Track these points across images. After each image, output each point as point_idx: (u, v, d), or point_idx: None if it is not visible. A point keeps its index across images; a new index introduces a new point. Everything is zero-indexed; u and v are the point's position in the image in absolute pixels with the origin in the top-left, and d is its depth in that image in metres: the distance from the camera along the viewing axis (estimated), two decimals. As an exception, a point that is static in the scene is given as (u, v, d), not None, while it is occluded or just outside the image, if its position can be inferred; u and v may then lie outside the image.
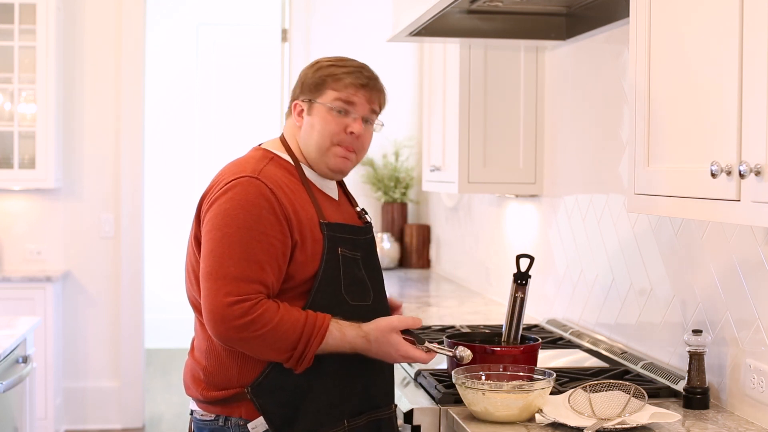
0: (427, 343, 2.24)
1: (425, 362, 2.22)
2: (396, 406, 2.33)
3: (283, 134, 2.35)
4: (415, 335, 2.25)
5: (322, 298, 2.17)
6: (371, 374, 2.24)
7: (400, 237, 5.78)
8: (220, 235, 2.11)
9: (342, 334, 2.13)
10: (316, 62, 2.31)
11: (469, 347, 2.45)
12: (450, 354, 2.30)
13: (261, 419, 2.16)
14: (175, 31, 8.38)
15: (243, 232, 2.10)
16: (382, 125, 2.33)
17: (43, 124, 5.51)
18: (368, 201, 5.86)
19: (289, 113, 2.34)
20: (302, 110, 2.29)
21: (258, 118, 8.22)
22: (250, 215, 2.11)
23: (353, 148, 2.26)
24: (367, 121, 2.28)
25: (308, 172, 2.29)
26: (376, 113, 2.30)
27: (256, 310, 2.06)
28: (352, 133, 2.24)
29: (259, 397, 2.15)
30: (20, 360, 3.54)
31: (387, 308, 2.35)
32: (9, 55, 5.55)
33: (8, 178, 5.57)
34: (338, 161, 2.26)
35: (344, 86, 2.24)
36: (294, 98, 2.32)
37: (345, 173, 2.31)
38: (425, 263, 5.65)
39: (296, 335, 2.08)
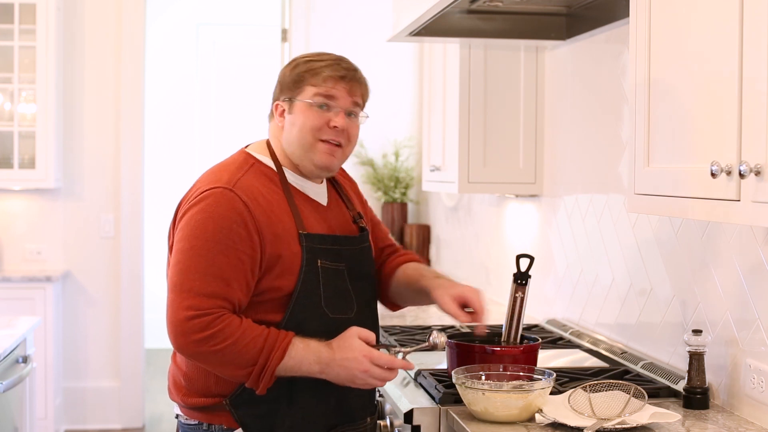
0: (398, 348, 2.21)
1: (393, 367, 2.12)
2: (375, 418, 2.31)
3: (268, 138, 2.30)
4: (385, 346, 2.21)
5: (300, 311, 2.14)
6: (347, 387, 2.17)
7: (400, 237, 5.78)
8: (188, 246, 2.08)
9: (306, 344, 2.08)
10: (294, 60, 2.25)
11: (468, 347, 2.45)
12: (425, 345, 2.25)
13: (240, 431, 2.15)
14: (175, 31, 8.38)
15: (210, 245, 2.06)
16: (367, 117, 2.27)
17: (43, 124, 5.51)
18: (368, 201, 5.84)
19: (271, 116, 2.28)
20: (283, 110, 2.23)
21: (258, 118, 8.19)
22: (220, 228, 2.07)
23: (338, 141, 2.20)
24: (351, 114, 2.22)
25: (292, 177, 2.23)
26: (359, 105, 2.24)
27: (216, 325, 2.02)
28: (335, 127, 2.18)
29: (238, 409, 2.14)
30: (20, 360, 3.54)
31: (371, 321, 2.31)
32: (9, 55, 5.55)
33: (8, 178, 5.57)
34: (323, 157, 2.20)
35: (323, 80, 2.17)
36: (275, 99, 2.26)
37: (332, 170, 2.26)
38: (425, 263, 5.63)
39: (257, 350, 2.04)
